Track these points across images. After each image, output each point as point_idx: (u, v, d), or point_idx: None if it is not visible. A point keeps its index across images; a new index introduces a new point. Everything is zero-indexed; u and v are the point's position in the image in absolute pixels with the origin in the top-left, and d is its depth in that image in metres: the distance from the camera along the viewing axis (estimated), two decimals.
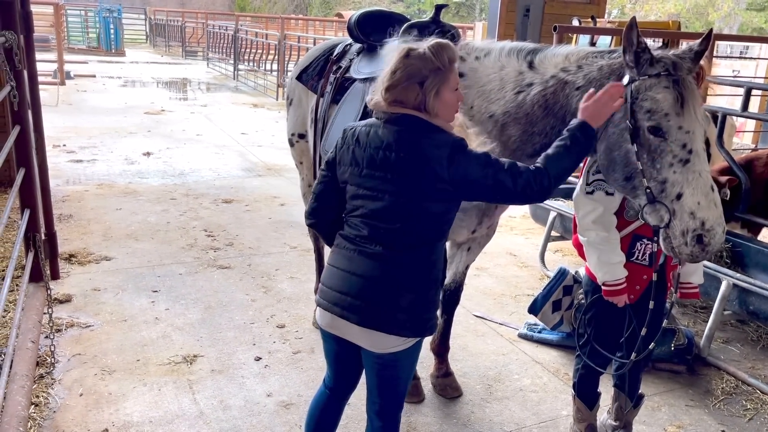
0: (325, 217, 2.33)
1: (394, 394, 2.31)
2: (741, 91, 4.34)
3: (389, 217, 2.14)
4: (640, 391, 2.99)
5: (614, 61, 2.38)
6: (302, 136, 3.81)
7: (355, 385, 2.46)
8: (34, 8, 4.09)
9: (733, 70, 11.34)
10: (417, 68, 2.11)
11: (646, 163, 2.23)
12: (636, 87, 2.25)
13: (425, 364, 3.55)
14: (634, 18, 2.24)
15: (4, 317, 3.70)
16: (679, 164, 2.18)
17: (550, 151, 2.22)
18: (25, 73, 3.85)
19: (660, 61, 2.23)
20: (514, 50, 2.70)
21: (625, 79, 2.28)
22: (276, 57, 15.40)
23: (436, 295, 2.28)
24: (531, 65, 2.60)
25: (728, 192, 4.11)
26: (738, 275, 3.78)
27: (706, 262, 3.86)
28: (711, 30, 2.34)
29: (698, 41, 2.28)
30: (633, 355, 2.61)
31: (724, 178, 4.12)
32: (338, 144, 2.28)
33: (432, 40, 2.17)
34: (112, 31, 23.76)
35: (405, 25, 3.15)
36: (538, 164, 2.18)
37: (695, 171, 2.17)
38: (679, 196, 2.18)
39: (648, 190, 2.23)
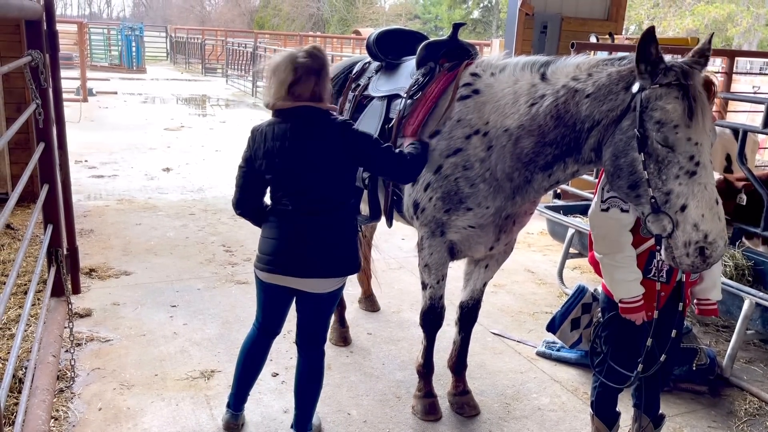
0: (249, 205, 2.84)
1: (326, 324, 2.96)
2: (761, 107, 4.30)
3: (311, 189, 2.65)
4: (660, 412, 2.95)
5: (623, 68, 2.39)
6: None
7: (282, 325, 3.01)
8: (58, 27, 4.18)
9: (753, 86, 11.23)
10: (310, 67, 2.58)
11: (653, 173, 2.24)
12: (646, 96, 2.26)
13: (442, 382, 3.53)
14: (652, 28, 2.25)
15: (26, 331, 3.74)
16: (685, 176, 2.19)
17: (408, 150, 2.86)
18: (50, 90, 3.92)
19: (671, 70, 2.24)
20: (528, 64, 2.74)
21: (635, 87, 2.29)
22: None
23: (357, 241, 2.87)
24: (543, 77, 2.64)
25: (744, 197, 4.06)
26: (761, 294, 3.71)
27: (728, 281, 3.82)
28: (712, 34, 2.35)
29: (706, 44, 2.29)
30: (640, 366, 2.58)
31: (740, 183, 4.06)
32: (250, 143, 2.74)
33: (308, 45, 2.67)
34: (133, 48, 24.21)
35: (423, 43, 3.18)
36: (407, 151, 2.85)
37: (701, 183, 2.19)
38: (683, 208, 2.19)
39: (653, 200, 2.24)
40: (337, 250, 2.73)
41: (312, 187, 2.66)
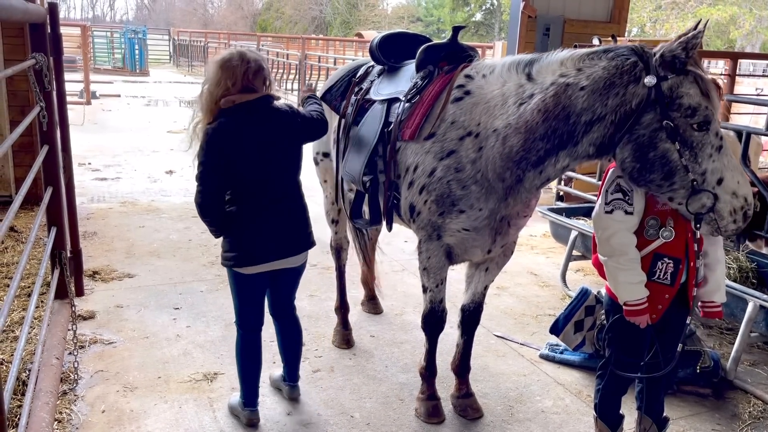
0: (217, 209, 2.84)
1: (295, 292, 3.28)
2: (764, 109, 4.30)
3: (285, 174, 2.94)
4: (664, 415, 2.94)
5: (621, 62, 2.40)
6: (326, 155, 3.84)
7: (263, 316, 3.17)
8: (61, 30, 4.18)
9: (756, 88, 11.20)
10: (259, 60, 2.83)
11: (690, 159, 2.32)
12: (668, 86, 2.31)
13: (445, 385, 3.53)
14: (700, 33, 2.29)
15: (29, 334, 3.75)
16: (716, 152, 2.32)
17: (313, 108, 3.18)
18: (54, 93, 3.93)
19: (676, 59, 2.33)
20: (513, 64, 2.76)
21: (649, 80, 2.32)
22: (297, 76, 15.58)
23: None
24: (529, 77, 2.66)
25: (758, 204, 4.05)
26: (765, 296, 3.70)
27: (732, 283, 3.81)
28: (699, 21, 2.39)
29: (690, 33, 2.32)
30: (641, 376, 2.58)
31: (753, 189, 4.05)
32: (212, 144, 2.75)
33: (238, 46, 3.13)
34: (136, 51, 24.27)
35: (423, 46, 3.18)
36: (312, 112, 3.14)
37: (728, 154, 2.33)
38: (719, 181, 2.32)
39: (694, 182, 2.33)
40: (307, 225, 3.09)
41: (285, 172, 2.95)
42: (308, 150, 3.29)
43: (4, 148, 2.48)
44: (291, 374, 3.41)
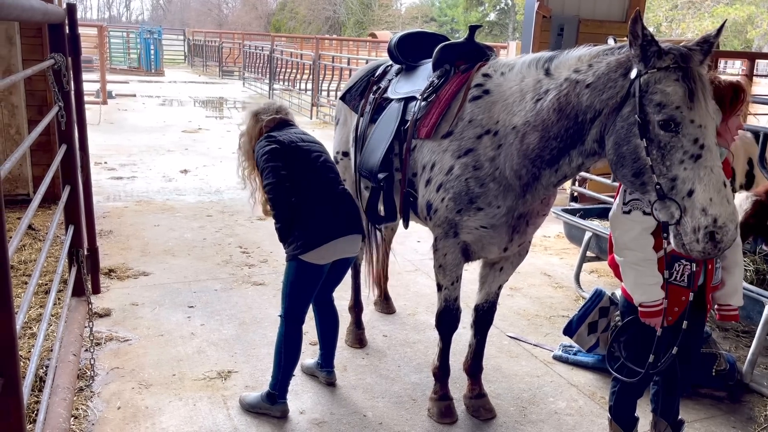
0: (288, 204, 3.07)
1: None
2: None
3: (329, 165, 3.25)
4: (679, 417, 2.92)
5: (621, 56, 2.37)
6: (346, 154, 3.86)
7: None
8: (79, 30, 4.23)
9: None
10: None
11: (656, 159, 2.21)
12: (645, 80, 2.23)
13: (458, 385, 3.53)
14: (637, 11, 2.24)
15: (47, 330, 3.79)
16: (690, 160, 2.15)
17: None
18: (72, 93, 3.97)
19: (669, 53, 2.22)
20: (533, 61, 2.75)
21: (633, 73, 2.28)
22: (310, 77, 15.61)
23: None
24: (547, 72, 2.64)
25: None
26: None
27: (748, 286, 3.77)
28: (725, 21, 2.32)
29: (713, 32, 2.26)
30: (651, 357, 2.54)
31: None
32: (279, 156, 3.07)
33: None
34: (152, 51, 24.44)
35: (439, 45, 3.19)
36: None
37: (707, 167, 2.14)
38: (690, 193, 2.15)
39: (658, 186, 2.21)
40: (359, 209, 3.30)
41: (329, 162, 3.25)
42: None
43: (24, 149, 2.51)
44: (328, 360, 3.56)
